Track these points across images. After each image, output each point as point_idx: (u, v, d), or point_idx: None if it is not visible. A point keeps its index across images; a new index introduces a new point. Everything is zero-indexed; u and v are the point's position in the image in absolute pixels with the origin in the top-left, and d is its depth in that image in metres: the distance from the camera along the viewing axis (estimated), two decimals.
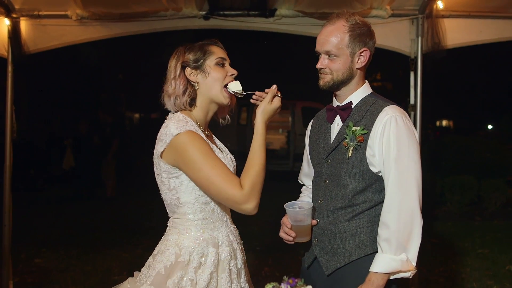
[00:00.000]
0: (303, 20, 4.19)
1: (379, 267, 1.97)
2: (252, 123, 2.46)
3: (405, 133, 2.02)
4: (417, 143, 2.06)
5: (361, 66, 2.13)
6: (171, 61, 2.15)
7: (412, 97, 4.25)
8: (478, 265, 5.69)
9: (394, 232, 1.96)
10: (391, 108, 2.07)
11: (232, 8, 4.20)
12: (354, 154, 2.07)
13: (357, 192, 2.08)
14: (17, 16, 4.06)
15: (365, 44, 2.12)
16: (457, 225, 7.82)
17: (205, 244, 2.03)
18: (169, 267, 1.99)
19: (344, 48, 2.09)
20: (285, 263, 5.38)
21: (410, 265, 1.98)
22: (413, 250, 1.98)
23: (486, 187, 8.71)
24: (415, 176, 2.00)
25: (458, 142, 9.91)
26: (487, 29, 4.21)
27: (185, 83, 2.10)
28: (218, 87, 2.12)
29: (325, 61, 2.13)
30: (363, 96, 2.17)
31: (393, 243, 1.96)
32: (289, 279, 1.70)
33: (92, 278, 5.11)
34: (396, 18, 4.18)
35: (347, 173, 2.09)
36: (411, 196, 1.99)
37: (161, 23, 4.22)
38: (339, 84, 2.15)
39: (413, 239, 1.98)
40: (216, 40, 2.21)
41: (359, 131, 2.06)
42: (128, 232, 7.11)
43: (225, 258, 2.05)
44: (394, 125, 2.02)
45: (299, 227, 2.14)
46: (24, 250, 5.96)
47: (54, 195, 10.47)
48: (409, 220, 1.97)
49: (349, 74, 2.13)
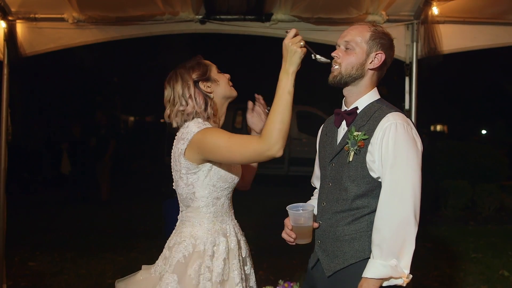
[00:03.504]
0: (299, 25, 4.20)
1: (370, 273, 1.98)
2: (248, 128, 2.54)
3: (404, 140, 2.03)
4: (417, 150, 2.06)
5: (374, 67, 2.16)
6: (175, 84, 2.28)
7: (407, 102, 4.27)
8: (472, 269, 5.71)
9: (386, 238, 1.97)
10: (393, 115, 2.09)
11: (228, 13, 4.21)
12: (355, 159, 2.10)
13: (357, 197, 2.09)
14: (13, 18, 4.05)
15: (382, 48, 2.16)
16: (451, 230, 7.84)
17: (216, 234, 2.24)
18: (188, 256, 2.18)
19: (363, 43, 2.15)
20: (280, 267, 5.38)
21: (401, 272, 1.97)
22: (406, 258, 1.98)
23: (480, 192, 8.73)
24: (412, 183, 2.01)
25: (452, 147, 9.95)
26: (481, 35, 4.25)
27: (203, 97, 2.27)
28: (228, 87, 2.36)
29: (341, 51, 2.20)
30: (369, 101, 2.19)
31: (384, 249, 1.97)
32: (285, 283, 1.71)
33: (86, 282, 5.09)
34: (392, 23, 4.20)
35: (348, 177, 2.11)
36: (405, 203, 1.98)
37: (157, 27, 4.23)
38: (347, 79, 2.17)
39: (406, 247, 1.97)
40: (200, 55, 2.40)
41: (360, 136, 2.08)
42: (123, 235, 7.09)
43: (234, 247, 2.27)
44: (393, 132, 2.03)
45: (299, 228, 2.20)
46: (17, 253, 5.93)
47: (48, 198, 10.43)
48: (402, 227, 1.97)
49: (360, 71, 2.16)
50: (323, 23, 4.17)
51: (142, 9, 4.05)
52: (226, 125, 2.52)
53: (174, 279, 2.15)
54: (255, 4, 4.12)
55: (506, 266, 5.77)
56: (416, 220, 1.99)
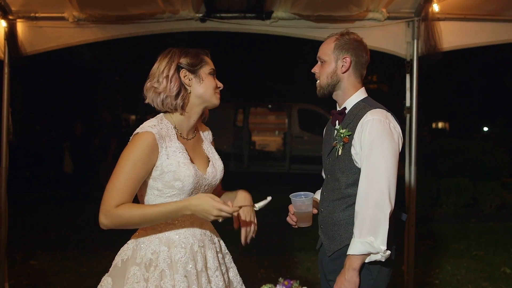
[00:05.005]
0: (300, 23, 4.21)
1: (351, 250, 2.22)
2: (248, 126, 2.53)
3: (379, 133, 2.25)
4: (392, 141, 2.27)
5: (345, 70, 2.40)
6: (163, 59, 2.18)
7: (408, 100, 4.27)
8: (473, 267, 5.71)
9: (363, 219, 2.21)
10: (372, 112, 2.31)
11: (228, 11, 4.21)
12: (343, 153, 2.36)
13: (347, 186, 2.35)
14: (13, 17, 4.06)
15: (348, 52, 2.40)
16: (452, 227, 7.84)
17: (158, 242, 2.11)
18: (125, 261, 2.12)
19: (330, 54, 2.42)
20: (280, 265, 5.38)
21: (378, 248, 2.18)
22: (381, 235, 2.19)
23: (482, 189, 8.72)
24: (385, 171, 2.22)
25: (453, 144, 9.93)
26: (482, 32, 4.25)
27: (178, 84, 2.15)
28: (212, 92, 2.22)
29: (318, 66, 2.48)
30: (356, 101, 2.43)
31: (362, 229, 2.20)
32: (285, 281, 1.71)
33: (88, 280, 5.09)
34: (392, 20, 4.20)
35: (339, 169, 2.38)
36: (379, 188, 2.21)
37: (157, 25, 4.23)
38: (329, 88, 2.44)
39: (381, 226, 2.19)
40: (207, 51, 2.28)
41: (345, 133, 2.35)
42: (124, 234, 7.07)
43: (180, 259, 2.09)
44: (370, 126, 2.27)
45: (300, 213, 2.43)
46: (19, 252, 5.94)
47: (49, 197, 10.44)
48: (376, 209, 2.20)
49: (335, 78, 2.42)
50: (323, 20, 4.17)
51: (142, 7, 4.05)
52: (228, 123, 2.51)
53: (109, 283, 2.11)
54: (255, 2, 4.12)
55: (508, 263, 5.77)
56: (390, 202, 2.21)
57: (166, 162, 2.07)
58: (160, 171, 2.08)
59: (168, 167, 2.07)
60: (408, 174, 4.29)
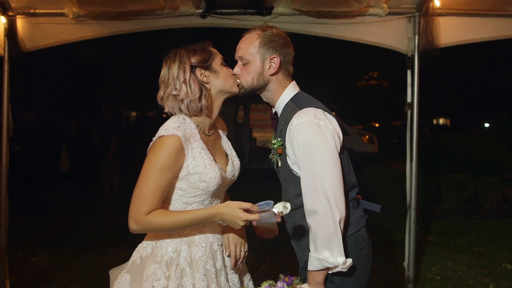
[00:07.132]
0: (300, 19, 4.19)
1: (310, 266, 2.09)
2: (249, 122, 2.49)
3: (309, 137, 2.04)
4: (326, 142, 2.05)
5: (273, 72, 2.17)
6: (172, 64, 2.09)
7: (409, 95, 4.26)
8: (474, 262, 5.71)
9: (314, 234, 2.05)
10: (297, 116, 2.10)
11: (229, 6, 4.20)
12: (282, 164, 2.20)
13: (296, 196, 2.17)
14: (13, 14, 4.06)
15: (275, 51, 2.16)
16: (453, 223, 7.83)
17: (179, 241, 2.09)
18: (145, 258, 2.10)
19: (255, 53, 2.16)
20: (281, 261, 5.38)
21: (335, 263, 2.02)
22: (336, 247, 2.02)
23: (483, 185, 8.73)
24: (325, 177, 2.02)
25: (454, 140, 9.92)
26: (483, 27, 4.23)
27: (198, 85, 2.08)
28: (231, 81, 2.16)
29: (239, 66, 2.21)
30: (286, 102, 2.21)
31: (316, 244, 2.04)
32: (285, 277, 1.70)
33: (89, 277, 5.10)
34: (393, 16, 4.18)
35: (284, 180, 2.23)
36: (322, 198, 2.01)
37: (157, 22, 4.22)
38: (252, 89, 2.20)
39: (332, 238, 2.02)
40: (208, 41, 2.21)
41: (277, 144, 2.19)
42: (125, 230, 7.02)
43: (200, 258, 2.09)
44: (297, 133, 2.06)
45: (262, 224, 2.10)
46: (20, 249, 5.94)
47: (50, 194, 10.44)
48: (324, 221, 2.01)
49: (262, 80, 2.18)
50: (324, 16, 4.16)
51: (142, 3, 4.04)
52: (228, 120, 2.46)
53: (127, 279, 2.08)
54: None
55: (509, 259, 5.76)
56: (338, 209, 2.02)
57: (193, 164, 2.03)
58: (186, 172, 2.05)
59: (195, 168, 2.04)
60: (409, 170, 4.26)
